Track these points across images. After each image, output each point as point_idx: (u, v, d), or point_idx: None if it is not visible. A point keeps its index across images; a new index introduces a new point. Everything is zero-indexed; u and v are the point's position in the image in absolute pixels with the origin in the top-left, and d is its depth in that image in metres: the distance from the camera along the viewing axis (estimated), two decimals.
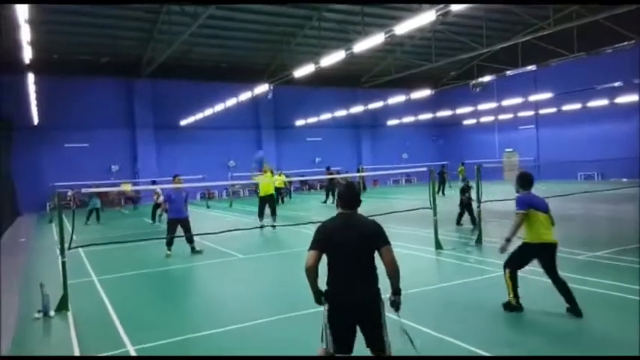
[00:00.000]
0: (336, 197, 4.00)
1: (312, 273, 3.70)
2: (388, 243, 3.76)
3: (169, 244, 11.06)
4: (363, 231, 3.75)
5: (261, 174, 16.00)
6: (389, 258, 3.72)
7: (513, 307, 5.98)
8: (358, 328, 3.75)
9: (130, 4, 22.02)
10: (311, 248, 3.76)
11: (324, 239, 3.74)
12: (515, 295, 5.98)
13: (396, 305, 3.76)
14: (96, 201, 19.53)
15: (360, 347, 3.80)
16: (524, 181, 6.18)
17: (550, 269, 5.87)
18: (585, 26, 22.92)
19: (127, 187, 22.85)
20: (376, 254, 3.77)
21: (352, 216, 3.85)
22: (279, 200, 23.09)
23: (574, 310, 5.71)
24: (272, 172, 16.35)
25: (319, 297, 3.75)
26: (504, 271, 6.10)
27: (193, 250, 11.24)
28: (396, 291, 3.77)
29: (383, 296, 3.76)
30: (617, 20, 22.43)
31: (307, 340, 5.51)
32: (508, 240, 5.95)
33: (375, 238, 3.74)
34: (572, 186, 23.63)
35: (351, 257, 3.71)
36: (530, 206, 5.92)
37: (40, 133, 27.57)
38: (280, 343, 5.50)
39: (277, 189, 22.71)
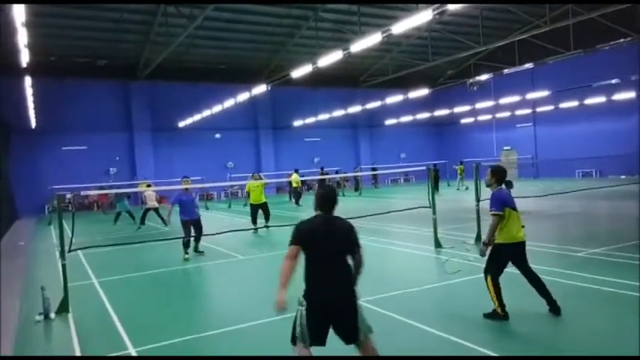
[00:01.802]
0: (314, 199, 4.16)
1: (290, 264, 3.84)
2: (360, 247, 3.98)
3: (187, 245, 10.93)
4: (341, 233, 3.94)
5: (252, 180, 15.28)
6: (359, 261, 3.96)
7: (499, 316, 5.55)
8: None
9: (127, 5, 21.99)
10: (292, 244, 3.90)
11: (304, 237, 3.89)
12: (501, 304, 5.55)
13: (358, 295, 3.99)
14: (124, 203, 18.77)
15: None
16: (501, 175, 5.74)
17: (525, 267, 5.71)
18: (581, 24, 22.97)
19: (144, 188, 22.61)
20: None
21: (330, 218, 4.01)
22: (296, 202, 22.70)
23: (553, 308, 5.57)
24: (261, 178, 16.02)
25: (284, 294, 3.84)
26: (485, 278, 5.66)
27: (196, 250, 11.26)
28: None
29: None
30: (613, 18, 22.50)
31: None
32: (486, 244, 5.64)
33: (351, 241, 3.93)
34: (571, 183, 23.71)
35: (330, 258, 3.85)
36: (505, 205, 5.57)
37: (37, 136, 27.56)
38: (283, 343, 5.51)
39: (294, 189, 22.76)
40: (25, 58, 16.07)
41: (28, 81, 21.23)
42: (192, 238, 11.15)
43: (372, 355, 3.97)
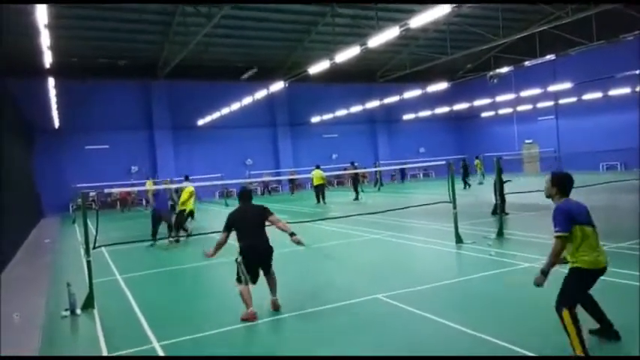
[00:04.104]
0: (238, 194, 6.76)
1: (219, 242, 6.39)
2: (271, 212, 6.37)
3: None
4: (256, 212, 6.40)
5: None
6: (275, 218, 6.36)
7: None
8: None
9: (146, 6, 22.23)
10: (223, 231, 6.34)
11: (233, 222, 6.32)
12: (582, 344, 4.17)
13: (298, 240, 6.24)
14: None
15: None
16: (563, 183, 4.48)
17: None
18: (604, 13, 22.40)
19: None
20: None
21: (248, 205, 6.49)
22: (320, 200, 21.74)
23: (605, 328, 4.63)
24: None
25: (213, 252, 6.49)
26: (559, 311, 4.31)
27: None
28: (292, 233, 6.25)
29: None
30: (638, 7, 21.92)
31: (325, 336, 5.55)
32: (545, 273, 4.40)
33: (263, 214, 6.33)
34: (595, 177, 23.20)
35: (251, 228, 6.27)
36: (573, 221, 4.30)
37: (61, 136, 28.11)
38: (303, 337, 5.54)
39: (318, 186, 21.94)
40: (48, 59, 16.41)
41: (51, 82, 21.66)
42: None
43: (273, 282, 6.38)
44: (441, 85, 31.79)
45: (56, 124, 27.11)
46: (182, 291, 8.35)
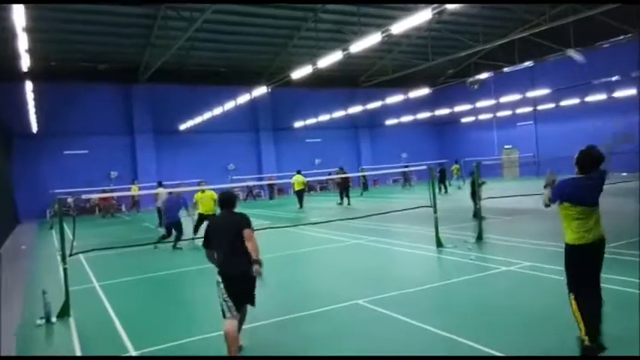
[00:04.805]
0: (218, 201, 5.51)
1: (210, 259, 5.17)
2: (248, 224, 4.99)
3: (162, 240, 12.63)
4: (232, 223, 5.04)
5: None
6: (248, 233, 4.92)
7: (587, 349, 4.24)
8: None
9: (128, 9, 22.03)
10: (203, 245, 5.21)
11: (208, 236, 5.14)
12: (588, 330, 4.23)
13: (257, 271, 4.79)
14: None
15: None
16: (582, 160, 4.59)
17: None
18: (581, 21, 22.88)
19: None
20: None
21: (228, 214, 5.18)
22: (299, 203, 21.82)
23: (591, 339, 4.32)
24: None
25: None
26: (569, 296, 4.46)
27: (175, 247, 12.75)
28: (256, 261, 4.81)
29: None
30: (613, 15, 22.45)
31: (302, 345, 5.52)
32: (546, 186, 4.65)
33: (239, 223, 4.98)
34: None
35: (226, 244, 4.96)
36: (564, 197, 4.48)
37: (39, 140, 27.59)
38: (280, 345, 5.51)
39: (298, 191, 22.12)
40: (25, 63, 16.10)
41: (29, 86, 21.28)
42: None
43: (242, 319, 5.12)
44: (423, 91, 32.09)
45: (34, 128, 26.62)
46: (162, 298, 8.24)
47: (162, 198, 18.14)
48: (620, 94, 27.85)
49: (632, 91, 27.35)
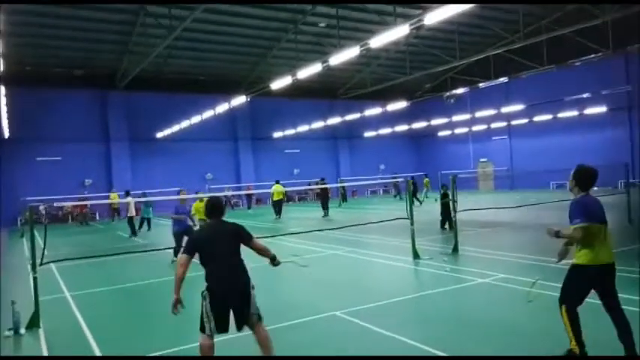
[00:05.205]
0: (205, 208, 4.89)
1: (180, 270, 4.53)
2: (252, 237, 4.76)
3: (177, 253, 11.37)
4: (230, 233, 4.68)
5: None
6: (257, 245, 4.80)
7: (576, 357, 4.35)
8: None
9: (106, 15, 21.81)
10: (184, 252, 4.60)
11: (198, 245, 4.58)
12: (578, 341, 4.34)
13: (277, 263, 4.93)
14: (148, 210, 19.59)
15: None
16: (583, 177, 4.57)
17: (610, 300, 4.50)
18: (555, 40, 23.62)
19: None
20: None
21: (219, 222, 4.74)
22: (277, 214, 21.74)
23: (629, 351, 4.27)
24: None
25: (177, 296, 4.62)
26: (560, 308, 4.48)
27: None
28: (273, 257, 4.92)
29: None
30: (585, 34, 23.19)
31: (293, 351, 5.50)
32: (557, 234, 4.60)
33: (240, 237, 4.68)
34: (546, 195, 24.15)
35: (222, 255, 4.52)
36: (590, 217, 4.39)
37: (11, 146, 26.94)
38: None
39: (276, 201, 22.01)
40: None
41: (1, 90, 20.78)
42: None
43: (266, 342, 4.62)
44: (401, 104, 32.52)
45: (6, 134, 25.98)
46: (134, 310, 8.09)
47: (131, 207, 18.06)
48: (591, 111, 28.70)
49: (602, 109, 28.24)
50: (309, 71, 21.39)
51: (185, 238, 11.26)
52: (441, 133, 39.61)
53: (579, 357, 4.29)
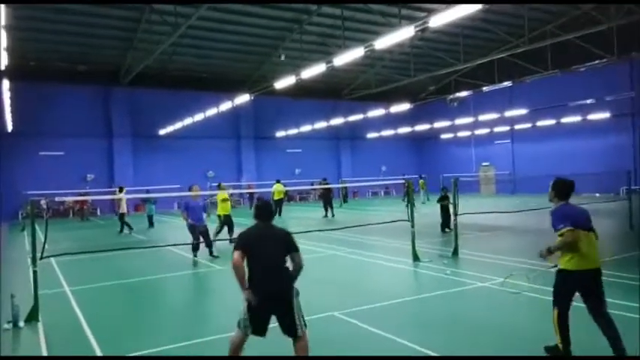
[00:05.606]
0: (253, 210, 4.78)
1: (240, 268, 4.40)
2: (297, 250, 4.60)
3: (195, 248, 11.52)
4: (277, 239, 4.61)
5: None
6: (298, 263, 4.59)
7: (558, 352, 4.66)
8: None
9: (111, 11, 21.83)
10: (236, 249, 4.46)
11: (246, 243, 4.50)
12: (564, 340, 4.62)
13: (296, 292, 4.56)
14: (152, 207, 20.17)
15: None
16: (560, 188, 4.85)
17: (594, 304, 4.72)
18: (559, 45, 23.59)
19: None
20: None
21: (267, 226, 4.69)
22: (278, 213, 21.60)
23: (616, 349, 4.45)
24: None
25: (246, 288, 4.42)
26: (553, 310, 4.73)
27: (211, 254, 11.70)
28: (294, 278, 4.63)
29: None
30: (590, 40, 23.15)
31: (289, 351, 5.50)
32: (550, 252, 4.72)
33: (287, 245, 4.58)
34: (547, 200, 24.13)
35: (267, 259, 4.45)
36: (572, 222, 4.62)
37: (13, 140, 27.01)
38: (261, 354, 5.47)
39: (277, 200, 22.01)
40: (3, 61, 15.82)
41: (5, 84, 20.86)
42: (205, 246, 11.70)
43: (303, 353, 4.50)
44: (404, 106, 32.50)
45: (9, 127, 26.05)
46: (135, 304, 8.10)
47: (122, 204, 18.15)
48: (594, 116, 28.65)
49: (605, 115, 28.18)
50: (313, 71, 21.40)
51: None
52: (444, 136, 39.58)
53: (563, 354, 4.56)
